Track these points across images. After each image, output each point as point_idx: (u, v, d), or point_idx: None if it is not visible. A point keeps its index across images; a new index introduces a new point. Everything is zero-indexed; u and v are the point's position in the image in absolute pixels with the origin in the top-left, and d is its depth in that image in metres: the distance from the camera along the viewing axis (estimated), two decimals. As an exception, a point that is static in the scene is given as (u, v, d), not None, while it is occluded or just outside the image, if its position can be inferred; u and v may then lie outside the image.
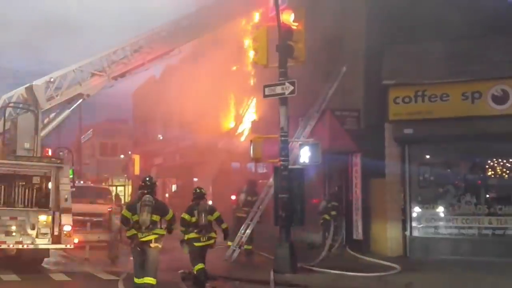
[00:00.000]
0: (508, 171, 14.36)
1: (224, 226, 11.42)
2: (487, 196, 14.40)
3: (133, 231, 9.61)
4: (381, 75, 14.91)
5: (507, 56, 13.21)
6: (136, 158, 32.47)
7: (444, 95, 14.24)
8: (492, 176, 14.48)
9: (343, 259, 14.51)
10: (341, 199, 16.13)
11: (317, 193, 17.34)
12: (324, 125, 16.09)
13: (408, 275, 11.92)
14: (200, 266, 11.03)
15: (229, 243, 14.11)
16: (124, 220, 9.78)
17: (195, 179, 25.98)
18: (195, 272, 11.13)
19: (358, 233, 15.83)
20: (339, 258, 14.64)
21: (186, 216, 11.05)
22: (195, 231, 11.01)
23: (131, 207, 9.86)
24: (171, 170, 28.33)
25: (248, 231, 15.30)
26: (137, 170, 32.47)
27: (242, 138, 21.57)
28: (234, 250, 14.81)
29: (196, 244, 11.02)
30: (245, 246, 15.12)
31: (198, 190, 11.47)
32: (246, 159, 18.42)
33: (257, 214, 15.71)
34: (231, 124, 23.99)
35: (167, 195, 28.97)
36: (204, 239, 11.07)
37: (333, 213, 15.64)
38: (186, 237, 11.08)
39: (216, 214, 11.23)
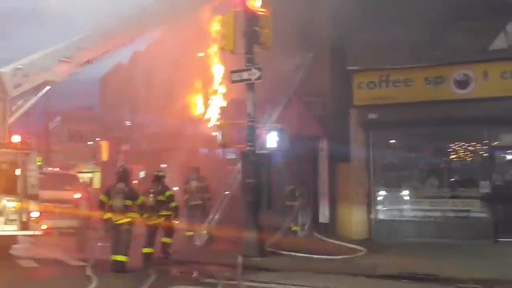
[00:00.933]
0: (470, 154, 14.34)
1: (173, 205, 12.70)
2: (451, 179, 14.36)
3: (109, 215, 11.07)
4: (346, 61, 14.79)
5: (468, 41, 13.12)
6: (104, 144, 31.58)
7: (407, 80, 14.15)
8: (455, 159, 14.46)
9: (311, 242, 14.35)
10: (307, 184, 15.88)
11: (285, 178, 17.10)
12: (291, 110, 15.96)
13: (373, 257, 11.86)
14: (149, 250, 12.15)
15: (189, 233, 13.82)
16: (100, 204, 11.24)
17: (163, 165, 25.40)
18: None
19: (324, 217, 15.77)
20: (306, 241, 14.52)
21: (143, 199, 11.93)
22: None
23: (107, 192, 11.35)
24: (139, 157, 27.74)
25: (217, 216, 15.03)
26: (105, 157, 31.61)
27: (210, 124, 21.14)
28: (201, 236, 14.55)
29: (150, 222, 12.27)
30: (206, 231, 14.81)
31: (156, 173, 12.93)
32: (215, 145, 18.07)
33: (225, 199, 15.45)
34: (199, 110, 23.50)
35: (135, 181, 28.50)
36: (155, 218, 12.26)
37: (298, 200, 15.39)
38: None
39: (167, 193, 12.54)
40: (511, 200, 13.09)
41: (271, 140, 14.01)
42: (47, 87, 17.34)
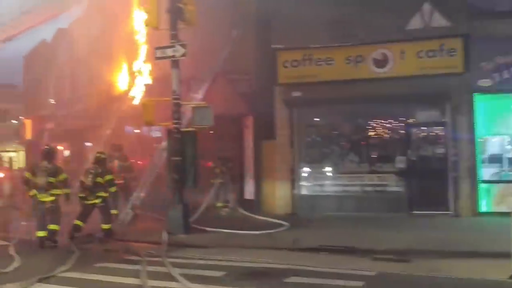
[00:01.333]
0: (388, 131, 14.68)
1: (112, 189, 12.69)
2: (369, 155, 14.65)
3: (34, 191, 11.40)
4: (271, 39, 14.68)
5: (386, 21, 13.22)
6: (28, 123, 30.25)
7: (329, 59, 14.20)
8: (374, 136, 14.76)
9: (236, 218, 14.41)
10: (229, 162, 15.74)
11: (211, 156, 16.94)
12: (217, 88, 15.76)
13: (296, 231, 12.00)
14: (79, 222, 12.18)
15: (113, 211, 13.47)
16: (26, 181, 11.58)
17: (88, 144, 24.55)
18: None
19: (250, 193, 15.79)
20: (232, 217, 14.54)
21: (82, 178, 12.37)
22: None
23: (31, 170, 11.62)
24: (64, 135, 26.70)
25: (142, 194, 14.72)
26: (28, 135, 30.28)
27: (136, 102, 20.53)
28: (127, 213, 14.22)
29: (86, 202, 12.28)
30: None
31: (97, 155, 12.81)
32: (140, 122, 17.58)
33: (150, 178, 15.17)
34: (124, 87, 22.77)
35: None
36: (92, 199, 12.22)
37: (218, 178, 15.28)
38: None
39: (107, 177, 12.42)
40: (425, 174, 13.54)
41: (197, 117, 13.76)
42: None
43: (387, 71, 13.62)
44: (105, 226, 12.33)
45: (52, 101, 30.61)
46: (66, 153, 26.93)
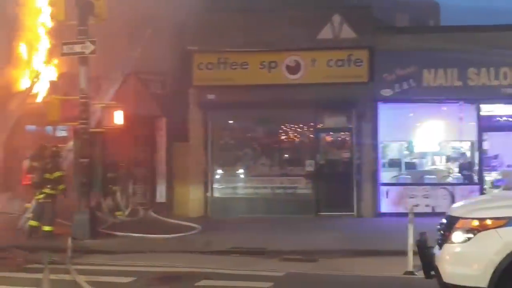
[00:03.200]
0: (298, 136, 16.00)
1: (60, 187, 12.91)
2: (281, 158, 15.89)
3: None
4: (186, 40, 15.36)
5: (300, 29, 14.53)
6: None
7: (244, 63, 15.23)
8: (285, 140, 16.01)
9: (146, 222, 14.66)
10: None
11: (122, 158, 17.24)
12: (129, 88, 16.02)
13: (208, 234, 12.62)
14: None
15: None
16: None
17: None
18: None
19: (162, 196, 16.26)
20: (142, 221, 14.78)
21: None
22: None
23: None
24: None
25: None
26: None
27: (39, 99, 20.35)
28: (27, 219, 14.18)
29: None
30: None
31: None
32: (44, 121, 17.53)
33: None
34: (25, 83, 22.41)
35: None
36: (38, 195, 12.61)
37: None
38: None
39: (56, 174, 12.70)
40: (332, 178, 15.02)
41: (106, 117, 14.09)
42: None
43: (298, 78, 14.93)
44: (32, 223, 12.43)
45: None
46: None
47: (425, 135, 15.40)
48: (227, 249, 10.90)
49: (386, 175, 15.19)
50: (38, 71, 20.83)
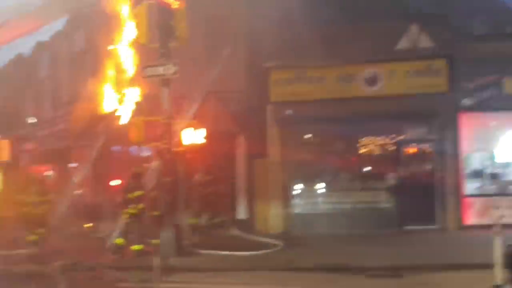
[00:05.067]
0: (379, 148, 16.09)
1: (139, 206, 13.64)
2: (361, 172, 16.08)
3: None
4: (262, 57, 15.89)
5: (377, 41, 14.72)
6: (4, 143, 31.00)
7: (321, 77, 15.63)
8: (365, 153, 16.14)
9: (229, 239, 15.20)
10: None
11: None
12: (208, 107, 16.74)
13: (290, 251, 12.99)
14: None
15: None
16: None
17: (73, 164, 25.60)
18: None
19: (242, 213, 16.79)
20: (225, 238, 15.29)
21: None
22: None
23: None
24: (46, 156, 27.63)
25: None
26: (5, 156, 31.08)
27: (123, 121, 21.63)
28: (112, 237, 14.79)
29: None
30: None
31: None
32: (128, 142, 18.59)
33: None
34: (111, 105, 23.86)
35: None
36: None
37: None
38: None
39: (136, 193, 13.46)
40: (414, 190, 15.00)
41: (187, 137, 14.88)
42: None
43: (377, 90, 15.14)
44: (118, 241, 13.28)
45: (32, 119, 31.49)
46: (49, 174, 27.84)
47: (508, 144, 15.21)
48: (310, 266, 11.12)
49: (469, 187, 15.10)
50: (123, 94, 22.17)
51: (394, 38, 15.05)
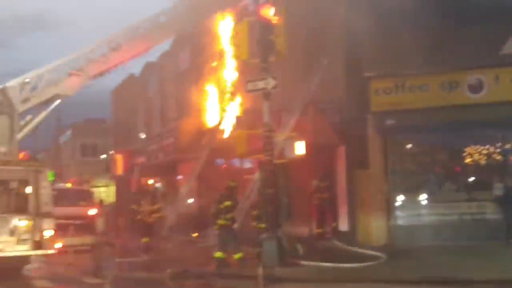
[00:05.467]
0: (485, 157, 15.35)
1: (228, 216, 13.80)
2: (466, 182, 15.44)
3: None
4: (361, 66, 15.70)
5: (481, 46, 14.13)
6: (118, 157, 32.93)
7: (423, 85, 15.16)
8: (471, 162, 15.45)
9: (331, 250, 15.13)
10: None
11: (303, 187, 18.08)
12: (307, 118, 16.77)
13: (394, 263, 12.73)
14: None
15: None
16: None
17: (180, 177, 26.60)
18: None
19: (344, 224, 16.64)
20: (327, 249, 15.22)
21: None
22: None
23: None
24: (155, 169, 28.98)
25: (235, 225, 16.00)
26: (119, 170, 32.97)
27: (226, 134, 22.25)
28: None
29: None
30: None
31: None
32: (231, 155, 19.09)
33: (243, 209, 16.33)
34: (214, 119, 24.66)
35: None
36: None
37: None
38: None
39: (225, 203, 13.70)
40: (523, 201, 14.16)
41: (288, 149, 14.98)
42: (57, 101, 18.28)
43: (482, 97, 14.46)
44: (217, 254, 13.46)
45: (142, 135, 33.19)
46: (158, 186, 29.14)
47: None
48: (416, 279, 10.85)
49: None
50: (225, 108, 22.85)
51: (498, 42, 14.36)
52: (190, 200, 24.17)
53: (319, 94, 17.01)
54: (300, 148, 14.55)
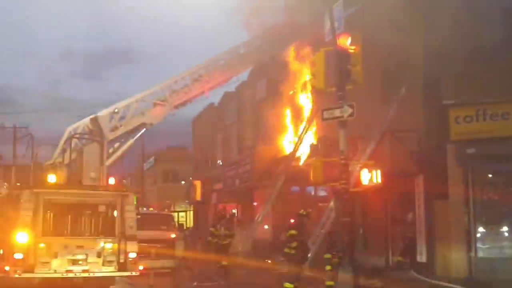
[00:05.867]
0: None
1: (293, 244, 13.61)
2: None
3: None
4: (440, 95, 15.29)
5: None
6: (197, 184, 33.60)
7: (505, 113, 14.52)
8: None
9: (409, 282, 14.71)
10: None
11: (379, 216, 17.67)
12: (385, 147, 16.46)
13: None
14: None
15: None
16: None
17: (255, 203, 26.71)
18: None
19: (422, 256, 16.04)
20: (404, 281, 14.83)
21: None
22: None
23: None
24: (231, 195, 29.27)
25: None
26: (198, 196, 33.60)
27: (301, 162, 22.18)
28: None
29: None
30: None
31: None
32: (306, 182, 18.95)
33: (318, 238, 16.27)
34: (289, 147, 24.70)
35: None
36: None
37: None
38: None
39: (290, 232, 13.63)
40: None
41: (365, 177, 14.67)
42: (143, 130, 19.02)
43: None
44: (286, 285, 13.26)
45: (220, 162, 33.72)
46: (234, 212, 29.39)
47: None
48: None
49: None
50: (301, 136, 22.86)
51: None
52: (265, 226, 24.17)
53: (397, 122, 16.68)
54: (377, 177, 14.19)
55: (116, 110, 18.14)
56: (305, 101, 24.11)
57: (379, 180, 15.89)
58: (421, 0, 16.47)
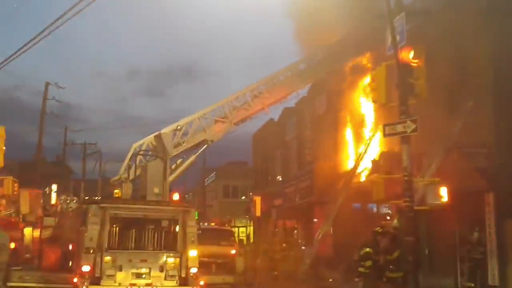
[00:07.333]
0: None
1: None
2: None
3: None
4: (511, 107, 14.18)
5: None
6: (257, 199, 32.99)
7: None
8: None
9: None
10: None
11: (446, 236, 16.38)
12: (451, 162, 15.42)
13: None
14: None
15: None
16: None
17: (315, 220, 25.74)
18: None
19: (494, 278, 14.72)
20: None
21: None
22: None
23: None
24: (291, 211, 28.45)
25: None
26: (258, 212, 32.97)
27: (362, 178, 21.12)
28: None
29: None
30: None
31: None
32: (367, 199, 17.96)
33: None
34: (350, 163, 23.63)
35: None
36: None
37: None
38: None
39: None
40: None
41: (430, 195, 13.55)
42: (204, 146, 18.71)
43: None
44: None
45: (279, 178, 33.01)
46: (294, 228, 28.55)
47: None
48: None
49: None
50: (362, 152, 21.79)
51: None
52: (325, 244, 23.14)
53: (464, 137, 15.53)
54: (443, 194, 13.06)
55: (178, 127, 18.07)
56: (367, 116, 23.05)
57: (446, 198, 14.71)
58: (492, 9, 15.20)
